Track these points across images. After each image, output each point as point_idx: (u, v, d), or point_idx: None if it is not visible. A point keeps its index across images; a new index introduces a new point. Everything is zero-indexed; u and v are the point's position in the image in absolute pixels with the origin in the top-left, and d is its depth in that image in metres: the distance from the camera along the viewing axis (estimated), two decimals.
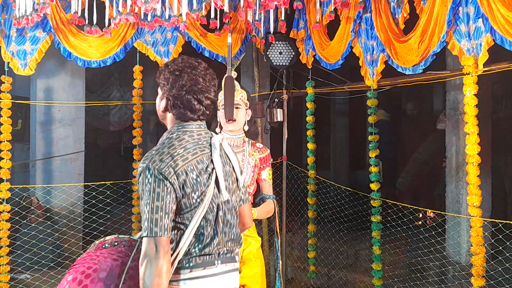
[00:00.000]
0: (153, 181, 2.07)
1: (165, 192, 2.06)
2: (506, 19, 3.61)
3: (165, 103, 2.27)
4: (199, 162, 2.16)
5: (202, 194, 2.14)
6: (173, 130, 2.24)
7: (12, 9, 4.94)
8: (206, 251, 2.16)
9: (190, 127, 2.24)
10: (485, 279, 3.98)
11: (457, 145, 5.49)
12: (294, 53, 5.64)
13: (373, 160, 4.92)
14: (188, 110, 2.23)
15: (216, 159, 2.21)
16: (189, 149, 2.17)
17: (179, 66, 2.27)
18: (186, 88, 2.21)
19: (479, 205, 3.96)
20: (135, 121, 5.81)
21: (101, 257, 2.28)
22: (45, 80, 6.45)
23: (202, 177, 2.15)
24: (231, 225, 2.27)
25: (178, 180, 2.09)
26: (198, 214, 2.13)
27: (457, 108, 5.42)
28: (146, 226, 2.04)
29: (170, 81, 2.24)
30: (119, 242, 2.38)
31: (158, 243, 2.02)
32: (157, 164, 2.09)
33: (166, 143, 2.19)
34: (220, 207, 2.21)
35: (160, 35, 5.62)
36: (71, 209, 6.18)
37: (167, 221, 2.05)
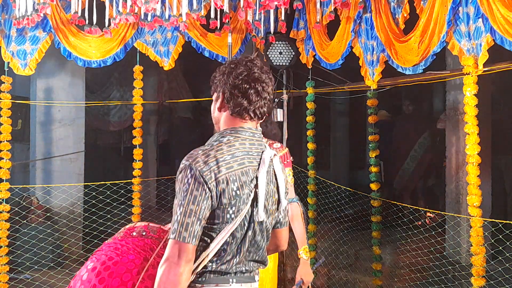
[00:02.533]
0: (193, 182, 1.94)
1: (203, 197, 1.93)
2: (506, 19, 3.61)
3: (221, 98, 2.12)
4: (243, 173, 2.01)
5: (238, 210, 1.99)
6: (225, 133, 2.09)
7: (12, 9, 4.94)
8: (223, 268, 2.02)
9: (244, 134, 2.09)
10: (485, 279, 3.98)
11: (457, 145, 5.49)
12: (294, 53, 5.64)
13: (373, 160, 4.92)
14: (245, 100, 2.07)
15: (262, 175, 2.04)
16: (237, 157, 2.02)
17: (235, 60, 2.16)
18: (243, 77, 2.08)
19: (479, 205, 3.96)
20: (135, 121, 5.81)
21: (125, 247, 2.24)
22: (45, 80, 6.45)
23: (242, 191, 2.00)
24: (259, 246, 2.11)
25: (217, 188, 1.95)
26: (227, 230, 1.99)
27: (457, 108, 5.42)
28: (175, 228, 1.91)
29: (226, 73, 2.12)
30: (148, 233, 2.31)
31: (184, 249, 1.90)
32: (200, 165, 1.95)
33: (214, 146, 2.03)
34: (250, 227, 2.05)
35: (160, 35, 5.62)
36: (71, 209, 6.18)
37: (198, 227, 1.93)
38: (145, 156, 6.67)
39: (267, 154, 2.09)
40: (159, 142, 9.32)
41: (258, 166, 2.05)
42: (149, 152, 8.72)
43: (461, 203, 5.43)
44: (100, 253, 2.27)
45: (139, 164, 5.76)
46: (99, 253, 2.28)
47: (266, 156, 2.08)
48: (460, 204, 5.47)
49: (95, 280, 2.18)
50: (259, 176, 2.04)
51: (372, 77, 4.79)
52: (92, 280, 2.19)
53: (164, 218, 6.85)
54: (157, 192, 8.61)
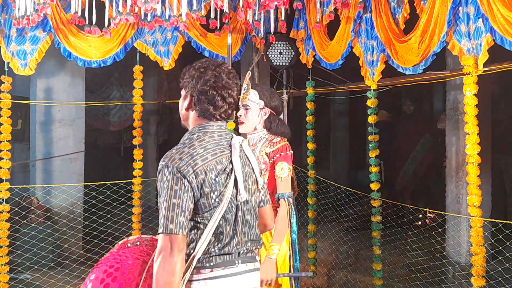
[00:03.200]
0: (171, 178, 2.09)
1: (183, 190, 2.09)
2: (506, 19, 3.60)
3: (189, 100, 2.28)
4: (218, 162, 2.17)
5: (221, 194, 2.15)
6: (194, 131, 2.26)
7: (12, 9, 4.94)
8: (226, 250, 2.17)
9: (211, 128, 2.26)
10: (485, 279, 3.98)
11: (457, 145, 5.49)
12: (294, 53, 5.64)
13: (373, 160, 4.92)
14: (212, 106, 2.24)
15: (236, 160, 2.21)
16: (209, 149, 2.18)
17: (204, 64, 2.29)
18: (210, 84, 2.23)
19: (479, 205, 3.96)
20: (135, 121, 5.81)
21: (123, 256, 2.32)
22: (45, 80, 6.45)
23: (220, 177, 2.16)
24: (251, 225, 2.28)
25: (196, 179, 2.11)
26: (217, 214, 2.14)
27: (457, 108, 5.42)
28: (162, 223, 2.06)
29: (195, 77, 2.26)
30: (141, 242, 2.41)
31: (173, 240, 2.04)
32: (176, 162, 2.11)
33: (186, 143, 2.21)
34: (239, 207, 2.22)
35: (160, 35, 5.62)
36: (71, 209, 6.18)
37: (183, 219, 2.07)
38: (145, 156, 6.67)
39: (236, 140, 2.26)
40: (159, 142, 9.32)
41: (230, 153, 2.22)
42: (149, 152, 8.73)
43: (461, 203, 5.43)
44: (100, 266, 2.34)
45: (139, 164, 5.76)
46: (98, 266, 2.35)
47: (235, 142, 2.24)
48: (460, 204, 5.46)
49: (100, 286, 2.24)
50: (234, 161, 2.20)
51: (372, 77, 4.79)
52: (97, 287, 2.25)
53: None
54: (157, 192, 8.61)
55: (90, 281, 2.28)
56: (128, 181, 5.91)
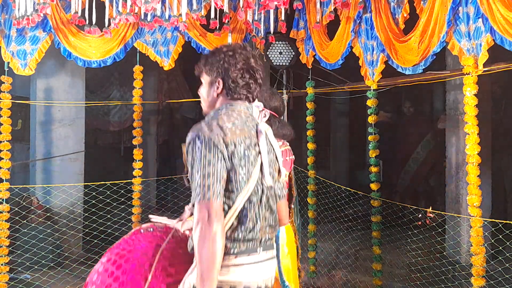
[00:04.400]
0: (204, 147, 2.07)
1: (216, 159, 2.06)
2: (506, 19, 3.60)
3: (220, 84, 2.25)
4: (246, 137, 2.16)
5: (248, 172, 2.13)
6: (221, 108, 2.24)
7: (12, 9, 4.94)
8: (250, 236, 2.14)
9: (239, 107, 2.24)
10: (485, 279, 3.98)
11: (457, 145, 5.49)
12: (294, 53, 5.64)
13: (373, 160, 4.92)
14: (245, 89, 2.24)
15: (262, 142, 2.20)
16: (237, 125, 2.16)
17: (230, 48, 2.27)
18: (241, 66, 2.22)
19: (479, 205, 3.96)
20: (135, 121, 5.81)
21: (136, 240, 2.32)
22: (45, 80, 6.45)
23: (249, 152, 2.14)
24: (272, 210, 2.25)
25: (227, 149, 2.09)
26: (243, 195, 2.11)
27: (457, 108, 5.42)
28: (199, 192, 2.03)
29: (225, 61, 2.23)
30: (155, 229, 2.40)
31: (212, 208, 2.01)
32: (206, 133, 2.09)
33: (214, 117, 2.18)
34: (264, 191, 2.19)
35: (160, 35, 5.62)
36: (71, 209, 6.18)
37: (219, 187, 2.05)
38: (145, 156, 6.67)
39: (262, 126, 2.24)
40: (159, 142, 9.32)
41: (257, 135, 2.20)
42: (149, 152, 8.72)
43: (461, 203, 5.43)
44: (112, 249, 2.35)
45: (139, 164, 5.76)
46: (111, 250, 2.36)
47: (262, 128, 2.23)
48: (460, 204, 5.47)
49: (112, 267, 2.27)
50: (260, 143, 2.19)
51: (372, 77, 4.79)
52: (109, 268, 2.28)
53: None
54: (157, 192, 8.62)
55: (102, 263, 2.28)
56: (128, 181, 5.91)
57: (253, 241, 2.15)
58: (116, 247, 2.34)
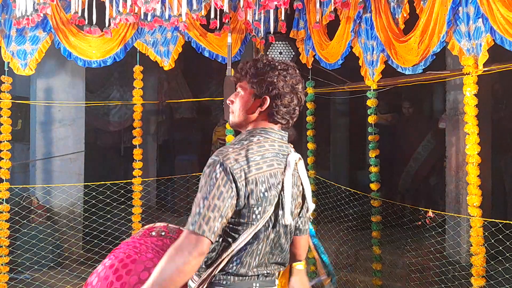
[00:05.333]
0: (221, 178, 1.88)
1: (228, 194, 1.88)
2: (506, 19, 3.61)
3: (267, 104, 2.04)
4: (272, 175, 1.98)
5: (264, 211, 1.96)
6: (255, 133, 2.04)
7: (12, 9, 4.95)
8: (243, 272, 1.97)
9: (274, 135, 2.06)
10: (485, 279, 3.98)
11: (457, 145, 5.49)
12: (294, 53, 5.64)
13: (373, 160, 4.92)
14: (290, 115, 2.08)
15: (288, 178, 2.01)
16: (266, 158, 1.98)
17: (283, 65, 2.09)
18: (291, 89, 2.06)
19: (479, 205, 3.96)
20: (135, 121, 5.81)
21: (143, 246, 2.22)
22: (45, 80, 6.45)
23: (270, 192, 1.96)
24: (283, 249, 2.07)
25: (246, 188, 1.91)
26: (250, 231, 1.95)
27: (457, 108, 5.42)
28: (196, 220, 1.85)
29: (279, 80, 2.04)
30: (167, 233, 2.30)
31: (200, 243, 1.84)
32: (230, 162, 1.91)
33: (245, 145, 1.98)
34: (275, 229, 2.01)
35: (160, 35, 5.62)
36: (71, 209, 6.18)
37: (218, 224, 1.87)
38: (145, 156, 6.67)
39: (292, 157, 2.05)
40: (159, 142, 9.32)
41: (284, 169, 2.02)
42: (149, 152, 8.72)
43: (461, 203, 5.43)
44: (118, 251, 2.28)
45: (139, 164, 5.76)
46: (117, 251, 2.29)
47: (291, 159, 2.04)
48: (460, 204, 5.46)
49: (112, 277, 2.19)
50: (285, 179, 2.00)
51: (372, 77, 4.79)
52: (110, 276, 2.20)
53: (164, 218, 6.85)
54: (157, 192, 8.61)
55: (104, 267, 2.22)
56: (128, 181, 5.91)
57: (247, 277, 1.99)
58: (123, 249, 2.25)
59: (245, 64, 2.13)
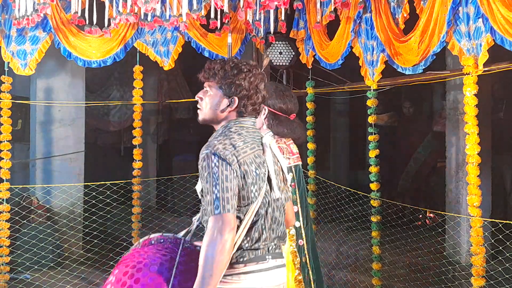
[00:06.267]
0: (220, 164, 2.13)
1: (232, 176, 2.13)
2: (506, 19, 3.60)
3: (230, 101, 2.30)
4: (256, 156, 2.23)
5: (259, 188, 2.20)
6: (230, 125, 2.30)
7: (12, 9, 4.94)
8: (256, 246, 2.21)
9: (247, 123, 2.32)
10: (485, 279, 3.98)
11: (457, 145, 5.49)
12: (294, 53, 5.64)
13: (373, 160, 4.92)
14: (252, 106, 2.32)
15: (268, 157, 2.28)
16: (248, 143, 2.24)
17: (247, 67, 2.33)
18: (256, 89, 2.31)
19: (479, 205, 3.96)
20: (135, 121, 5.81)
21: (149, 252, 2.32)
22: (45, 80, 6.45)
23: (260, 170, 2.22)
24: (279, 222, 2.31)
25: (240, 169, 2.16)
26: (252, 208, 2.18)
27: (457, 108, 5.42)
28: (218, 204, 2.08)
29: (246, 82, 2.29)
30: (165, 240, 2.41)
31: (229, 220, 2.08)
32: (221, 151, 2.15)
33: (226, 135, 2.24)
34: (270, 204, 2.26)
35: (160, 35, 5.62)
36: (71, 209, 6.18)
37: (235, 201, 2.12)
38: (145, 156, 6.68)
39: (266, 139, 2.32)
40: (159, 142, 9.32)
41: (263, 150, 2.28)
42: (149, 152, 8.73)
43: (461, 203, 5.43)
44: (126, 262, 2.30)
45: (139, 164, 5.76)
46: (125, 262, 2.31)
47: (265, 141, 2.31)
48: (460, 204, 5.47)
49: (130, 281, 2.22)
50: (267, 158, 2.27)
51: (372, 77, 4.79)
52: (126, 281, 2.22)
53: (164, 218, 6.85)
54: (157, 192, 8.62)
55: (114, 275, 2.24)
56: (128, 181, 5.91)
57: (260, 250, 2.22)
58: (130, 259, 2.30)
59: (212, 64, 2.38)
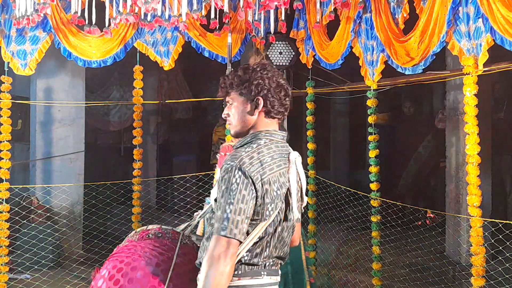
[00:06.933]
0: (241, 182, 2.04)
1: (250, 197, 2.04)
2: (506, 19, 3.61)
3: (262, 103, 2.20)
4: (281, 175, 2.15)
5: (276, 207, 2.12)
6: (260, 136, 2.20)
7: (12, 9, 4.95)
8: (255, 261, 2.14)
9: (277, 136, 2.23)
10: (485, 279, 3.98)
11: (457, 145, 5.49)
12: (294, 53, 5.64)
13: (373, 160, 4.92)
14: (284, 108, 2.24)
15: (292, 175, 2.18)
16: (275, 159, 2.15)
17: (260, 65, 2.25)
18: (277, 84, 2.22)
19: (479, 205, 3.96)
20: (135, 121, 5.81)
21: (146, 248, 2.29)
22: (45, 80, 6.46)
23: (281, 190, 2.14)
24: (285, 242, 2.23)
25: (262, 188, 2.07)
26: (261, 225, 2.10)
27: (457, 108, 5.42)
28: (226, 225, 2.01)
29: (264, 79, 2.20)
30: (163, 234, 2.38)
31: (232, 245, 2.01)
32: (247, 166, 2.06)
33: (255, 148, 2.15)
34: (281, 223, 2.17)
35: (160, 35, 5.62)
36: (71, 209, 6.18)
37: (246, 226, 2.05)
38: (145, 156, 6.68)
39: (293, 155, 2.22)
40: (159, 142, 9.33)
41: (288, 167, 2.19)
42: (149, 152, 8.73)
43: (461, 203, 5.43)
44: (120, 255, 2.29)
45: (139, 164, 5.76)
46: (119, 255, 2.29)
47: (292, 158, 2.21)
48: (460, 204, 5.46)
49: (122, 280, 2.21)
50: (290, 177, 2.17)
51: (372, 77, 4.79)
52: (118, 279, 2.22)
53: (164, 218, 6.85)
54: (157, 192, 8.62)
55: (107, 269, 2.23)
56: (128, 181, 5.91)
57: (257, 266, 2.15)
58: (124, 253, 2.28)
59: (225, 77, 2.28)
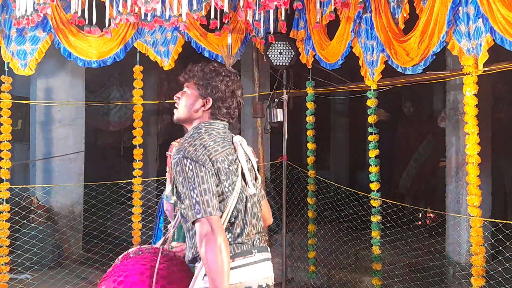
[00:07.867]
0: (194, 167, 2.16)
1: (208, 176, 2.16)
2: (506, 19, 3.61)
3: (205, 102, 2.37)
4: (228, 154, 2.28)
5: (233, 183, 2.24)
6: (200, 126, 2.35)
7: (12, 9, 4.94)
8: (239, 240, 2.24)
9: (217, 125, 2.37)
10: (485, 279, 3.98)
11: (457, 145, 5.49)
12: (294, 53, 5.64)
13: (373, 160, 4.92)
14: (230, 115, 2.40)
15: (240, 154, 2.32)
16: (218, 142, 2.29)
17: (227, 72, 2.40)
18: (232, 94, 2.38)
19: (479, 205, 3.96)
20: (135, 121, 5.80)
21: (129, 265, 2.39)
22: (45, 80, 6.46)
23: (232, 167, 2.26)
24: (258, 217, 2.36)
25: (213, 167, 2.19)
26: (230, 203, 2.21)
27: (457, 108, 5.42)
28: (199, 209, 2.11)
29: (222, 85, 2.36)
30: (143, 251, 2.48)
31: (213, 222, 2.10)
32: (192, 153, 2.18)
33: (196, 136, 2.29)
34: (248, 199, 2.30)
35: (160, 35, 5.62)
36: (71, 209, 6.18)
37: (215, 201, 2.15)
38: (145, 156, 6.67)
39: (237, 138, 2.38)
40: (159, 142, 9.32)
41: (234, 148, 2.34)
42: (149, 152, 8.73)
43: (461, 203, 5.43)
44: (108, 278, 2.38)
45: (139, 164, 5.76)
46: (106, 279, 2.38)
47: (236, 140, 2.36)
48: (460, 204, 5.46)
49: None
50: (239, 155, 2.32)
51: (372, 77, 4.79)
52: None
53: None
54: (157, 192, 8.61)
55: None
56: (128, 181, 5.91)
57: (244, 244, 2.25)
58: (110, 275, 2.37)
59: (193, 66, 2.44)
